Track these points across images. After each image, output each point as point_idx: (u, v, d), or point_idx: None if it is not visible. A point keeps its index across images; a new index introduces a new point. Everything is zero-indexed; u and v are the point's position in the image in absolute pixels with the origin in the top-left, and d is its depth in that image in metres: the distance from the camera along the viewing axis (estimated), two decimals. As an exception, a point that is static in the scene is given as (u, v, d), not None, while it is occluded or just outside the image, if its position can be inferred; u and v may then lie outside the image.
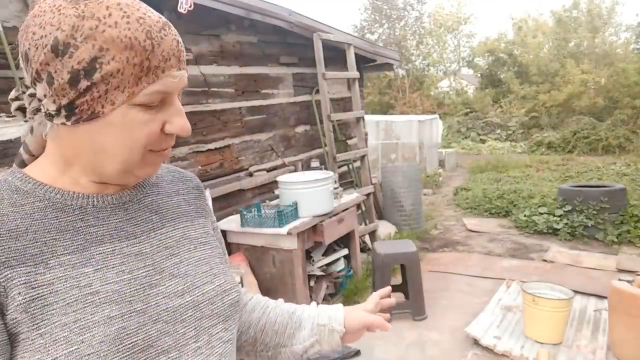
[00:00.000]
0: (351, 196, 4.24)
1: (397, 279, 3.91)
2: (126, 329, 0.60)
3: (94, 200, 0.66)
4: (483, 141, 16.49)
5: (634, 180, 8.09)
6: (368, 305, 0.93)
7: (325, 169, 4.50)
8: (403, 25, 22.79)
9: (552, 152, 13.85)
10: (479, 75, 22.83)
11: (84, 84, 0.57)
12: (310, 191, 3.49)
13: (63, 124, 0.60)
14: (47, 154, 0.67)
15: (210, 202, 0.86)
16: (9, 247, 0.58)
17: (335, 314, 0.89)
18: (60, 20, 0.56)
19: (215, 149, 3.75)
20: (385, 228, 5.67)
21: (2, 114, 2.28)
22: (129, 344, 0.59)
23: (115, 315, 0.60)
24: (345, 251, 4.07)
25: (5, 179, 0.65)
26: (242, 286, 1.01)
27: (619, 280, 3.01)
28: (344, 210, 3.89)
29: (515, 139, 16.27)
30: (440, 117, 13.08)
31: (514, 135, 16.52)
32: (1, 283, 0.56)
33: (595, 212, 5.38)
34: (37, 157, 0.69)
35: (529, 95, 18.25)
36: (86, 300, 0.59)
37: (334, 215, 3.73)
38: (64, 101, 0.58)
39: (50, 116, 0.60)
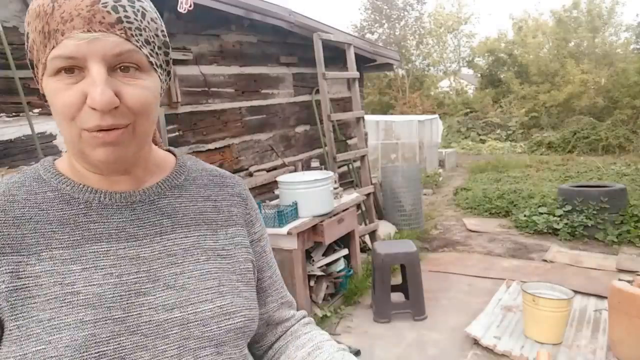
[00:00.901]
0: (351, 196, 4.24)
1: (397, 279, 3.91)
2: (96, 337, 0.56)
3: (100, 196, 0.64)
4: (483, 141, 16.49)
5: (634, 180, 8.09)
6: None
7: (325, 169, 4.49)
8: (403, 25, 22.80)
9: (552, 152, 13.85)
10: (479, 75, 22.83)
11: (30, 62, 0.60)
12: (310, 191, 3.49)
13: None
14: None
15: (256, 213, 0.81)
16: (7, 234, 0.58)
17: None
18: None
19: (216, 149, 3.75)
20: (385, 228, 5.67)
21: (2, 114, 2.28)
22: (96, 352, 0.55)
23: (89, 320, 0.56)
24: (345, 251, 4.07)
25: (35, 167, 0.66)
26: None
27: (619, 280, 3.01)
28: (344, 210, 3.89)
29: (515, 139, 16.27)
30: (440, 117, 13.08)
31: (514, 135, 16.53)
32: None
33: (595, 212, 5.38)
34: None
35: (529, 95, 18.26)
36: (65, 299, 0.57)
37: (334, 215, 3.73)
38: (37, 86, 0.61)
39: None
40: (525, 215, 6.08)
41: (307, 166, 4.73)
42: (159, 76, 0.63)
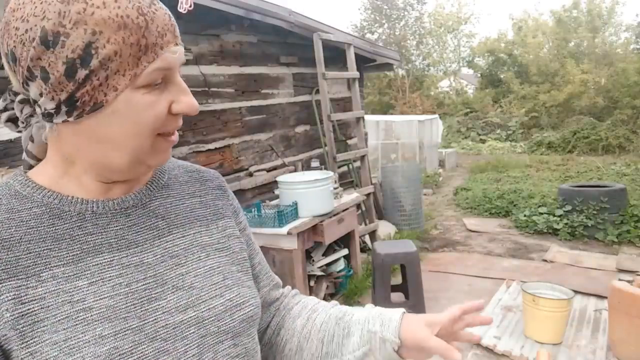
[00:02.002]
0: (351, 196, 4.24)
1: (397, 279, 3.91)
2: (119, 349, 0.55)
3: (93, 206, 0.61)
4: (483, 141, 16.49)
5: (634, 180, 8.09)
6: (440, 317, 0.71)
7: (325, 169, 4.49)
8: (403, 25, 22.81)
9: (552, 152, 13.85)
10: (479, 75, 22.85)
11: (82, 73, 0.52)
12: (310, 191, 3.49)
13: (65, 121, 0.55)
14: (48, 157, 0.62)
15: (236, 202, 0.81)
16: (0, 259, 0.54)
17: (389, 321, 0.71)
18: (43, 9, 0.51)
19: (216, 149, 3.75)
20: (385, 228, 5.67)
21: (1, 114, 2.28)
22: None
23: (108, 334, 0.55)
24: (345, 251, 4.07)
25: (7, 182, 0.62)
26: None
27: (619, 280, 3.01)
28: (344, 210, 3.89)
29: (515, 139, 16.28)
30: (440, 117, 13.09)
31: (514, 135, 16.53)
32: None
33: (595, 212, 5.38)
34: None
35: (529, 95, 18.28)
36: (78, 317, 0.55)
37: (334, 215, 3.73)
38: (63, 96, 0.53)
39: (49, 116, 0.55)
40: (525, 215, 6.09)
41: (307, 166, 4.73)
42: None
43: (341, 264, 3.99)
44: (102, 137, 0.57)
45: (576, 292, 3.45)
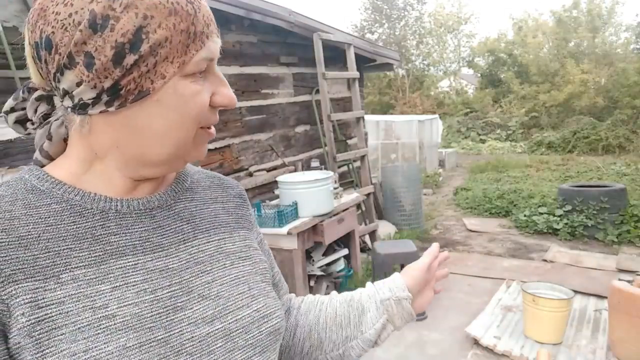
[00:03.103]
0: (351, 196, 4.24)
1: (397, 279, 3.91)
2: None
3: (117, 205, 0.58)
4: (483, 141, 16.50)
5: (634, 180, 8.09)
6: (423, 260, 0.82)
7: (325, 169, 4.50)
8: (403, 25, 22.81)
9: (552, 152, 13.86)
10: (479, 75, 22.86)
11: (130, 59, 0.50)
12: (310, 191, 3.49)
13: (103, 112, 0.52)
14: (69, 153, 0.58)
15: (253, 213, 0.80)
16: (16, 258, 0.50)
17: (395, 283, 0.78)
18: None
19: (215, 148, 3.75)
20: (385, 228, 5.67)
21: (2, 114, 2.28)
22: None
23: (133, 345, 0.51)
24: (345, 251, 4.07)
25: (22, 177, 0.57)
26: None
27: (619, 280, 3.01)
28: (344, 210, 3.89)
29: (515, 139, 16.29)
30: (440, 117, 13.09)
31: (514, 135, 16.54)
32: (4, 300, 0.48)
33: (595, 212, 5.38)
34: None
35: (529, 95, 18.29)
36: (100, 325, 0.50)
37: (334, 215, 3.73)
38: (107, 83, 0.50)
39: (83, 107, 0.52)
40: (525, 215, 6.09)
41: (307, 166, 4.73)
42: None
43: (341, 264, 3.99)
44: (144, 128, 0.54)
45: (576, 292, 3.47)
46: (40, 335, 0.48)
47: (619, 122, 13.90)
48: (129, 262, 0.55)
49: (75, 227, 0.54)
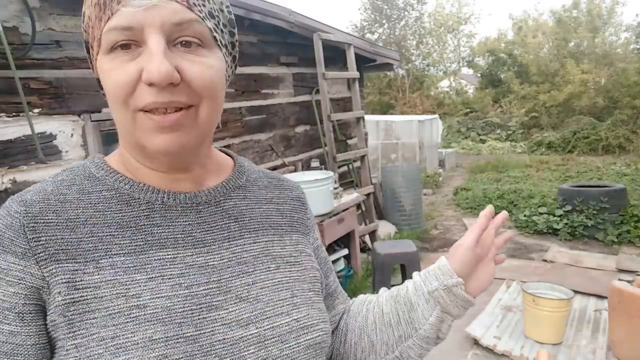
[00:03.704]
0: (351, 196, 4.24)
1: (397, 279, 3.91)
2: (168, 358, 0.49)
3: (164, 197, 0.57)
4: (483, 141, 16.50)
5: (634, 180, 8.09)
6: (469, 237, 0.71)
7: (325, 169, 4.50)
8: (403, 25, 22.80)
9: (552, 152, 13.86)
10: (479, 75, 22.85)
11: (86, 45, 0.54)
12: (310, 191, 3.49)
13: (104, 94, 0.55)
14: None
15: (312, 218, 0.75)
16: (61, 238, 0.51)
17: (441, 269, 0.68)
18: None
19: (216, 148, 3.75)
20: (385, 228, 5.67)
21: (2, 114, 2.28)
22: None
23: (159, 338, 0.49)
24: (345, 251, 4.07)
25: (84, 164, 0.59)
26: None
27: (619, 280, 3.01)
28: (344, 210, 3.89)
29: (515, 139, 16.28)
30: (440, 117, 13.09)
31: (514, 135, 16.54)
32: (45, 278, 0.50)
33: (595, 212, 5.38)
34: None
35: (529, 95, 18.28)
36: (130, 314, 0.50)
37: (334, 215, 3.73)
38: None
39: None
40: (525, 215, 6.09)
41: (307, 166, 4.73)
42: (224, 57, 0.56)
43: (341, 264, 3.99)
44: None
45: (576, 292, 3.46)
46: (73, 316, 0.49)
47: (619, 122, 13.90)
48: (168, 254, 0.54)
49: (121, 215, 0.55)
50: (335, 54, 4.97)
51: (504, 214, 0.74)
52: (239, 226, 0.61)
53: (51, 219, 0.52)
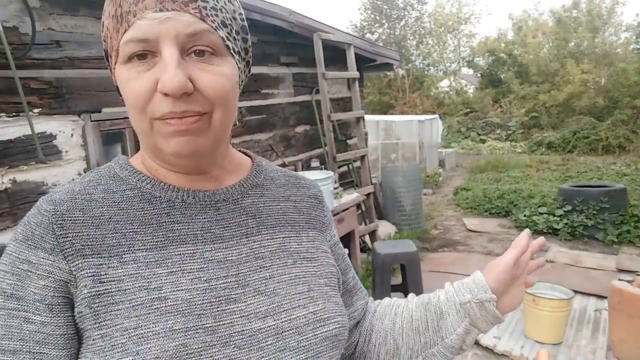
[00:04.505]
0: (351, 196, 4.24)
1: (397, 279, 3.91)
2: (187, 347, 0.51)
3: (183, 195, 0.60)
4: (483, 141, 16.50)
5: (634, 180, 8.09)
6: (507, 258, 0.71)
7: (325, 169, 4.50)
8: (403, 25, 22.81)
9: (552, 152, 13.86)
10: (479, 75, 22.85)
11: (105, 53, 0.57)
12: (310, 191, 3.49)
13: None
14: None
15: (329, 215, 0.77)
16: (87, 234, 0.54)
17: (476, 283, 0.69)
18: None
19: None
20: (385, 228, 5.67)
21: (2, 114, 2.28)
22: None
23: (179, 328, 0.52)
24: (345, 251, 4.07)
25: (110, 165, 0.63)
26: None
27: (619, 280, 3.01)
28: (344, 210, 3.89)
29: (515, 139, 16.28)
30: (440, 117, 13.09)
31: (514, 135, 16.54)
32: (72, 272, 0.53)
33: (595, 212, 5.38)
34: None
35: (529, 95, 18.28)
36: (152, 305, 0.52)
37: (334, 215, 3.73)
38: None
39: None
40: (525, 215, 6.09)
41: (307, 166, 4.73)
42: (237, 63, 0.58)
43: (341, 264, 3.99)
44: None
45: (576, 292, 3.46)
46: (99, 308, 0.52)
47: (619, 122, 13.90)
48: (188, 250, 0.57)
49: (143, 212, 0.58)
50: (335, 54, 4.97)
51: (541, 239, 0.75)
52: (256, 223, 0.63)
53: (78, 216, 0.55)
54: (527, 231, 0.74)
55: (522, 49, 21.08)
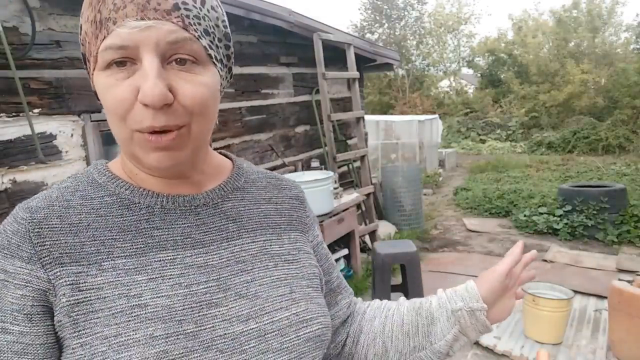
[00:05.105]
0: (351, 196, 4.24)
1: (397, 279, 3.91)
2: (168, 354, 0.51)
3: (163, 201, 0.59)
4: (483, 141, 16.50)
5: (634, 180, 8.09)
6: (502, 268, 0.72)
7: (325, 169, 4.50)
8: (403, 25, 22.80)
9: (552, 152, 13.86)
10: (479, 75, 22.84)
11: (83, 57, 0.56)
12: (310, 191, 3.49)
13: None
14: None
15: (312, 215, 0.77)
16: (65, 242, 0.53)
17: (468, 292, 0.70)
18: None
19: (215, 149, 3.72)
20: (385, 228, 5.67)
21: (2, 114, 2.28)
22: None
23: (160, 335, 0.51)
24: (345, 251, 4.07)
25: (88, 170, 0.61)
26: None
27: (619, 280, 3.01)
28: (344, 210, 3.89)
29: (515, 139, 16.28)
30: (440, 117, 13.09)
31: (514, 135, 16.53)
32: (50, 280, 0.52)
33: (595, 212, 5.38)
34: None
35: (529, 95, 18.27)
36: (132, 312, 0.52)
37: (334, 215, 3.73)
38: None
39: None
40: (525, 215, 6.08)
41: (307, 166, 4.73)
42: (219, 71, 0.57)
43: (341, 264, 3.99)
44: None
45: (576, 292, 3.46)
46: (78, 317, 0.51)
47: (619, 122, 13.90)
48: (168, 256, 0.56)
49: (122, 219, 0.57)
50: (335, 54, 4.96)
51: (533, 253, 0.77)
52: (237, 227, 0.63)
53: (55, 224, 0.54)
54: (520, 243, 0.76)
55: (522, 49, 21.06)
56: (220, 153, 0.73)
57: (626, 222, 5.27)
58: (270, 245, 0.65)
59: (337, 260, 3.97)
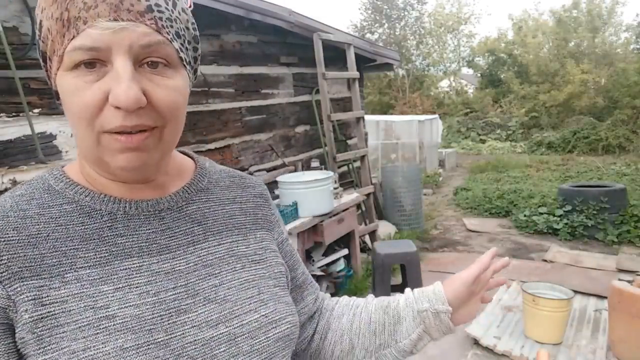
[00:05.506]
0: (351, 196, 4.24)
1: (397, 279, 3.91)
2: None
3: (125, 206, 0.57)
4: (483, 141, 16.50)
5: (634, 180, 8.09)
6: (471, 272, 0.75)
7: (325, 169, 4.49)
8: (403, 25, 22.80)
9: (552, 152, 13.86)
10: (479, 75, 22.84)
11: (42, 54, 0.53)
12: (310, 191, 3.49)
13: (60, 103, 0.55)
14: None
15: (277, 212, 0.76)
16: (24, 256, 0.51)
17: (435, 294, 0.72)
18: None
19: (215, 149, 3.75)
20: (385, 228, 5.67)
21: (2, 114, 2.28)
22: None
23: (130, 346, 0.50)
24: (345, 251, 4.07)
25: (43, 176, 0.58)
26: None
27: (619, 280, 3.01)
28: (344, 210, 3.89)
29: (515, 139, 16.28)
30: (440, 117, 13.09)
31: (514, 135, 16.53)
32: (10, 297, 0.49)
33: (595, 212, 5.38)
34: None
35: (529, 95, 18.27)
36: (100, 325, 0.50)
37: (334, 215, 3.73)
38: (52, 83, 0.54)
39: (57, 97, 0.54)
40: (525, 215, 6.08)
41: (307, 166, 4.73)
42: (188, 74, 0.57)
43: (341, 264, 3.99)
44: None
45: (576, 292, 3.46)
46: (42, 332, 0.49)
47: (619, 122, 13.89)
48: (133, 263, 0.55)
49: (83, 227, 0.55)
50: (335, 54, 4.96)
51: (504, 260, 0.79)
52: (202, 229, 0.62)
53: (12, 236, 0.51)
54: (493, 250, 0.78)
55: (522, 49, 21.06)
56: (180, 152, 0.71)
57: (626, 222, 5.27)
58: (237, 247, 0.64)
59: (337, 260, 3.97)
